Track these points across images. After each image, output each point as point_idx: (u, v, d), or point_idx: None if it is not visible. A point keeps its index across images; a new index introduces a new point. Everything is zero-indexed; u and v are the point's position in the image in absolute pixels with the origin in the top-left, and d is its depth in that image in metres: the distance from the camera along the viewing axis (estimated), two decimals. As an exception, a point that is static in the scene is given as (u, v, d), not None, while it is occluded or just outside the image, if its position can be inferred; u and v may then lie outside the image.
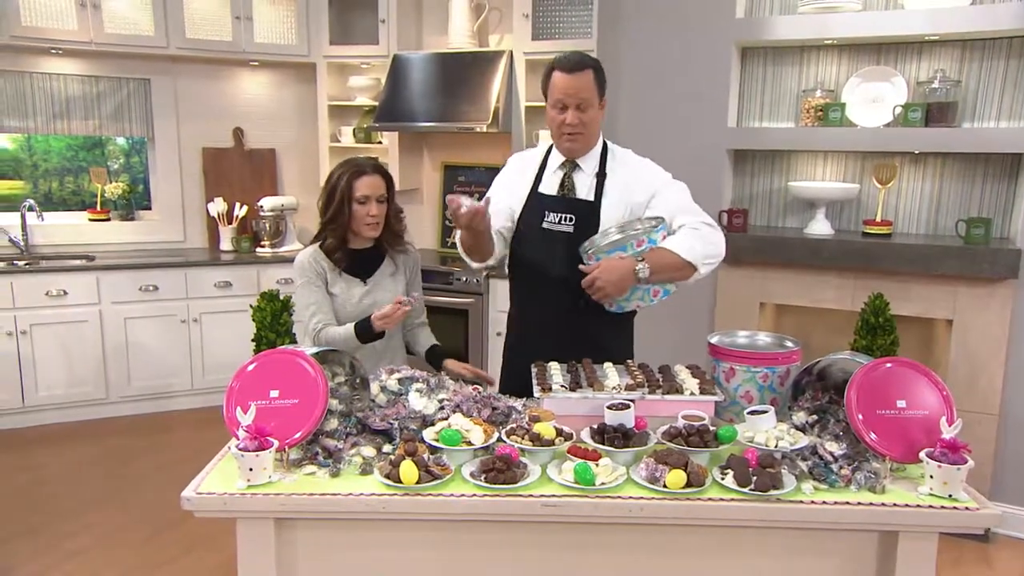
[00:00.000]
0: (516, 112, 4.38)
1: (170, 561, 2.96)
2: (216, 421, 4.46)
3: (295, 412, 1.76)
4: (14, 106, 4.45)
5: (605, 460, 1.71)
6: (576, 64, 2.14)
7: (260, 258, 4.76)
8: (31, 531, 3.15)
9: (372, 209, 2.28)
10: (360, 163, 2.31)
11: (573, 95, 2.13)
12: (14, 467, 3.78)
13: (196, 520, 3.28)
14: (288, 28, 4.70)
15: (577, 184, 2.26)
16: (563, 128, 2.16)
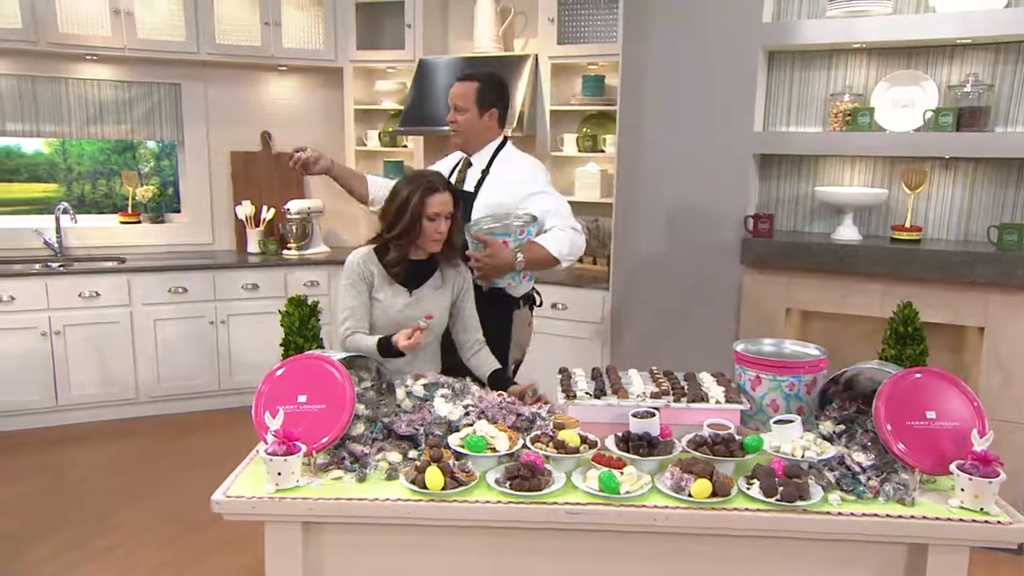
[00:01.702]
0: (541, 116, 4.39)
1: (196, 562, 3.00)
2: (242, 423, 4.51)
3: (322, 417, 1.79)
4: (51, 111, 4.54)
5: (630, 468, 1.71)
6: (465, 76, 2.72)
7: (286, 260, 4.80)
8: (62, 528, 3.21)
9: (441, 226, 2.27)
10: (432, 180, 2.29)
11: (453, 97, 2.68)
12: (47, 465, 3.85)
13: (223, 521, 3.31)
14: (316, 33, 4.75)
15: (468, 177, 2.73)
16: (448, 124, 2.72)
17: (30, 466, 3.83)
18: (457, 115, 2.67)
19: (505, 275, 2.56)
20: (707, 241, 3.61)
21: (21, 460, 3.90)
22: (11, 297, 4.10)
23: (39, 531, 3.20)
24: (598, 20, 4.22)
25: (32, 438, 4.15)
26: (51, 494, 3.55)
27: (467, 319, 2.45)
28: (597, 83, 4.30)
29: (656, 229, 3.75)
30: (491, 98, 2.68)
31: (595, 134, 4.40)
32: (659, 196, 3.72)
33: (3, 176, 5.00)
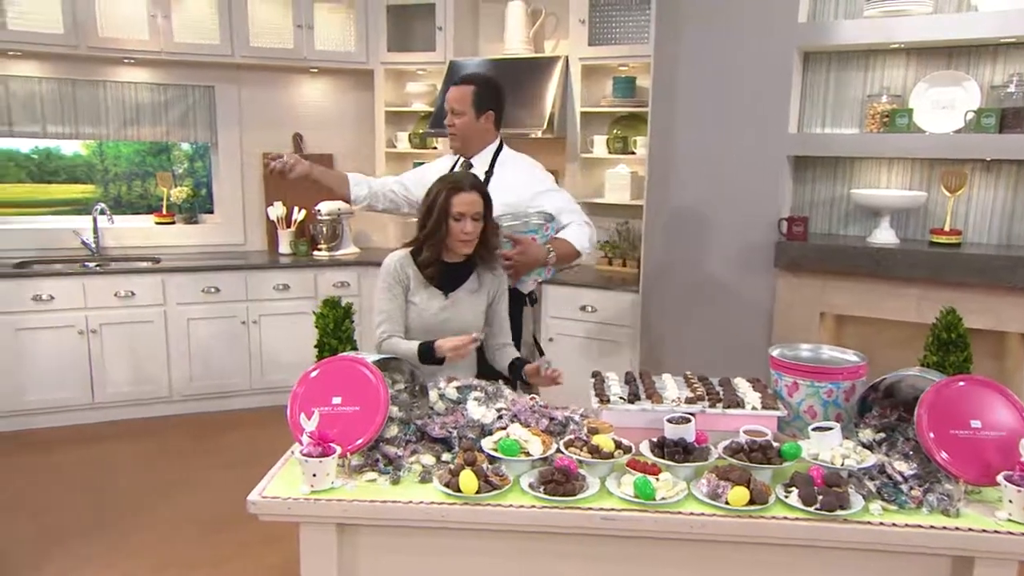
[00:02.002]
0: (571, 117, 4.38)
1: (228, 560, 3.03)
2: (273, 422, 4.56)
3: (357, 419, 1.79)
4: (89, 114, 4.63)
5: (665, 475, 1.69)
6: (461, 79, 2.77)
7: (317, 261, 4.84)
8: (97, 526, 3.26)
9: (467, 227, 2.26)
10: (458, 180, 2.29)
11: (450, 101, 2.73)
12: (83, 461, 3.92)
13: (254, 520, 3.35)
14: (348, 35, 4.78)
15: None
16: (447, 127, 2.78)
17: (68, 462, 3.90)
18: (455, 119, 2.72)
19: (532, 271, 2.64)
20: (739, 244, 3.57)
21: (59, 456, 3.98)
22: (50, 296, 4.18)
23: (76, 527, 3.25)
24: (629, 21, 4.20)
25: (69, 435, 4.22)
26: (87, 491, 3.61)
27: (499, 322, 2.45)
28: (628, 84, 4.27)
29: (687, 231, 3.71)
30: (487, 101, 2.73)
31: (625, 136, 4.37)
32: (691, 198, 3.68)
33: (43, 177, 5.10)
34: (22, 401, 4.21)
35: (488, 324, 2.44)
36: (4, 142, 4.82)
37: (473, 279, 2.42)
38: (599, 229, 4.56)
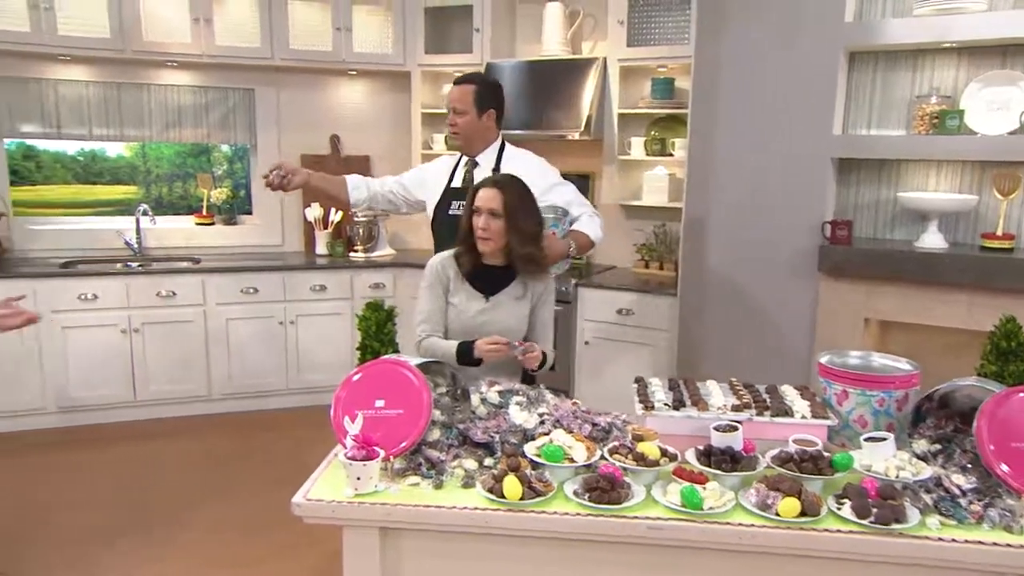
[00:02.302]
0: (609, 119, 4.34)
1: (266, 559, 3.05)
2: (309, 422, 4.61)
3: (400, 422, 1.79)
4: (133, 116, 4.71)
5: (713, 484, 1.66)
6: (462, 79, 2.84)
7: (353, 262, 4.87)
8: (138, 524, 3.31)
9: (480, 222, 2.27)
10: (487, 177, 2.33)
11: (452, 101, 2.78)
12: (125, 459, 3.99)
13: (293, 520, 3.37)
14: (385, 38, 4.81)
15: (476, 177, 2.77)
16: (448, 126, 2.81)
17: (111, 460, 3.97)
18: (457, 118, 2.77)
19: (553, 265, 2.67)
20: (781, 247, 3.50)
21: (102, 454, 4.05)
22: (95, 295, 4.26)
23: (122, 525, 3.30)
24: (669, 22, 4.15)
25: (112, 432, 4.30)
26: (131, 489, 3.67)
27: (540, 328, 2.43)
28: (667, 86, 4.23)
29: (727, 234, 3.66)
30: (488, 100, 2.78)
31: (663, 137, 4.33)
32: (731, 201, 3.63)
33: (88, 178, 5.21)
34: (68, 398, 4.30)
35: (529, 328, 2.42)
36: (52, 144, 4.92)
37: (517, 284, 2.40)
38: (636, 232, 4.56)
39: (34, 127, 4.55)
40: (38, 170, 5.05)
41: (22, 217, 4.72)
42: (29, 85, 4.49)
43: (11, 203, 4.62)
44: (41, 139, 4.75)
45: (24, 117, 4.52)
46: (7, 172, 4.62)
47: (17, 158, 4.87)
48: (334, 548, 1.72)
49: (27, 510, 3.41)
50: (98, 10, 4.21)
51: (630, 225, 4.61)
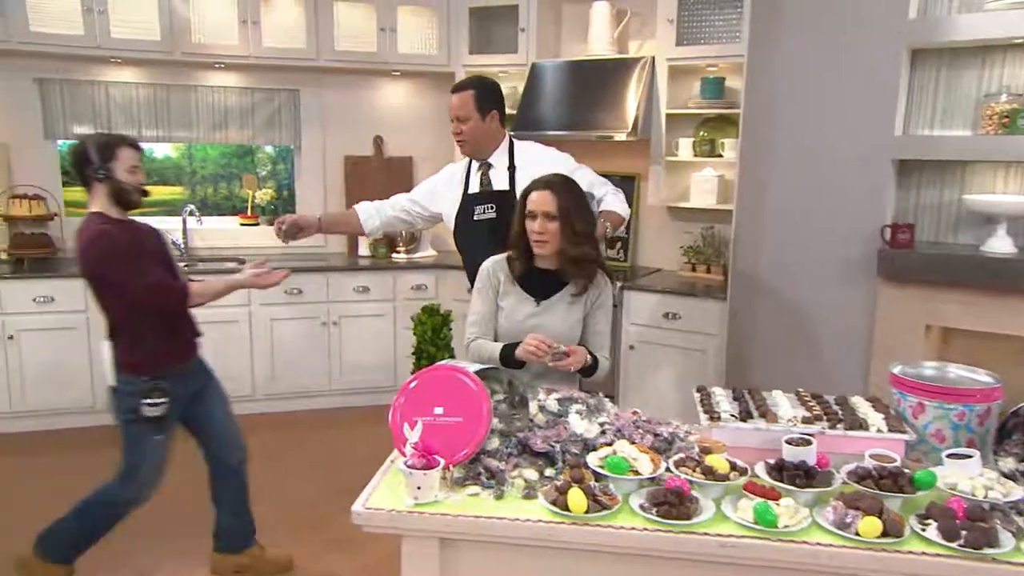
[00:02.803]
0: (656, 120, 4.26)
1: (313, 560, 3.04)
2: (352, 422, 4.61)
3: (459, 430, 1.75)
4: (181, 117, 4.76)
5: (787, 500, 1.59)
6: (459, 86, 2.81)
7: (395, 264, 4.86)
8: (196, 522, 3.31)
9: (536, 225, 2.22)
10: (536, 180, 2.27)
11: (453, 110, 2.78)
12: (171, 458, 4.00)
13: (338, 521, 3.36)
14: (430, 38, 4.79)
15: (493, 179, 2.81)
16: (455, 137, 2.80)
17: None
18: (461, 125, 2.76)
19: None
20: (838, 252, 3.39)
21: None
22: (143, 295, 4.30)
23: (177, 524, 3.32)
24: (720, 20, 4.06)
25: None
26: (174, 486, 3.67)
27: (595, 334, 2.37)
28: (717, 85, 4.14)
29: (780, 238, 3.56)
30: (489, 102, 2.78)
31: (713, 138, 4.23)
32: (785, 203, 3.53)
33: (135, 179, 5.27)
34: (115, 396, 4.35)
35: (584, 334, 2.36)
36: (101, 145, 4.99)
37: (571, 288, 2.34)
38: (683, 235, 4.47)
39: (86, 128, 4.62)
40: (88, 171, 5.13)
41: (74, 218, 4.79)
42: (82, 87, 4.57)
43: (63, 203, 4.69)
44: (92, 140, 4.82)
45: (77, 119, 4.60)
46: (60, 173, 4.69)
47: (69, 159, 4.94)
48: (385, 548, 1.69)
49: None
50: (149, 13, 4.25)
51: (676, 227, 4.53)
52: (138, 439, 2.59)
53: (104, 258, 2.45)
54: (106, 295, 2.54)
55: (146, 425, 2.55)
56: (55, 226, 4.58)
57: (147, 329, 2.54)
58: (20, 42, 4.09)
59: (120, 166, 2.49)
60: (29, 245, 4.39)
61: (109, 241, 2.46)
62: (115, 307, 2.55)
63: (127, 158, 2.50)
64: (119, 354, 2.56)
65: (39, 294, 4.15)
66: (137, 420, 2.55)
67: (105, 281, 2.49)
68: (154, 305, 2.52)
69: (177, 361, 2.63)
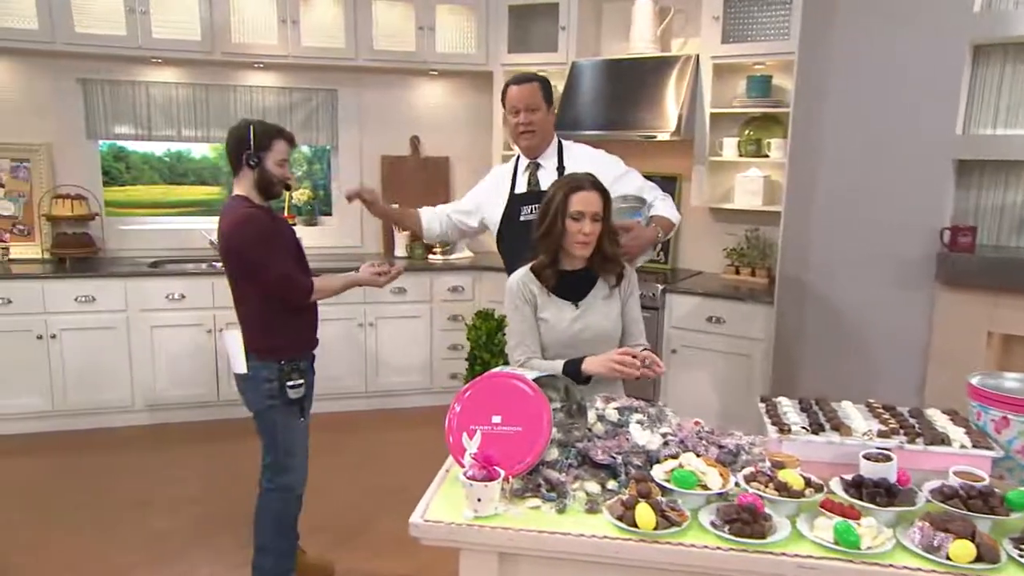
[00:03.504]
0: (700, 119, 4.16)
1: (355, 565, 3.00)
2: (386, 424, 4.57)
3: (518, 439, 1.68)
4: (220, 117, 4.76)
5: (868, 519, 1.50)
6: (523, 79, 2.71)
7: (432, 265, 4.81)
8: (231, 523, 3.30)
9: (585, 227, 2.13)
10: (578, 178, 2.17)
11: (523, 100, 2.66)
12: (214, 456, 4.00)
13: (380, 525, 3.31)
14: (468, 37, 4.73)
15: (541, 179, 2.73)
16: (518, 128, 2.68)
17: (198, 457, 4.00)
18: (531, 116, 2.67)
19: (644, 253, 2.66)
20: (892, 254, 3.28)
21: (190, 451, 4.07)
22: (181, 295, 4.31)
23: (209, 525, 3.30)
24: (767, 17, 3.95)
25: (198, 430, 4.33)
26: (216, 487, 3.67)
27: (632, 323, 2.31)
28: (763, 84, 4.03)
29: (831, 240, 3.45)
30: (550, 95, 2.73)
31: (759, 138, 4.13)
32: (836, 205, 3.42)
33: (174, 179, 5.30)
34: (155, 396, 4.36)
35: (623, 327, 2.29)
36: (141, 145, 5.02)
37: (601, 285, 2.28)
38: (726, 236, 4.37)
39: (126, 129, 4.64)
40: (127, 171, 5.16)
41: (113, 217, 4.82)
42: (123, 88, 4.58)
43: (103, 203, 4.71)
44: (133, 140, 4.84)
45: (117, 119, 4.61)
46: (101, 173, 4.71)
47: (109, 159, 4.97)
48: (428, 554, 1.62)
49: (114, 507, 3.44)
50: (190, 13, 4.25)
51: (719, 229, 4.43)
52: (284, 425, 2.59)
53: (247, 239, 2.48)
54: (242, 278, 2.56)
55: (290, 408, 2.55)
56: (96, 226, 4.60)
57: (282, 314, 2.56)
58: (65, 43, 4.11)
59: (271, 157, 2.55)
60: (71, 245, 4.41)
61: (254, 224, 2.49)
62: (249, 292, 2.57)
63: (279, 151, 2.55)
64: (253, 340, 2.57)
65: (80, 293, 4.17)
66: (279, 405, 2.55)
67: (244, 262, 2.51)
68: (280, 296, 2.54)
69: (309, 347, 2.66)
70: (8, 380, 4.14)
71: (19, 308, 4.09)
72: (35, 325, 4.12)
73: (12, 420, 4.19)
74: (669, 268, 4.56)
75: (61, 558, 3.02)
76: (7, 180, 4.46)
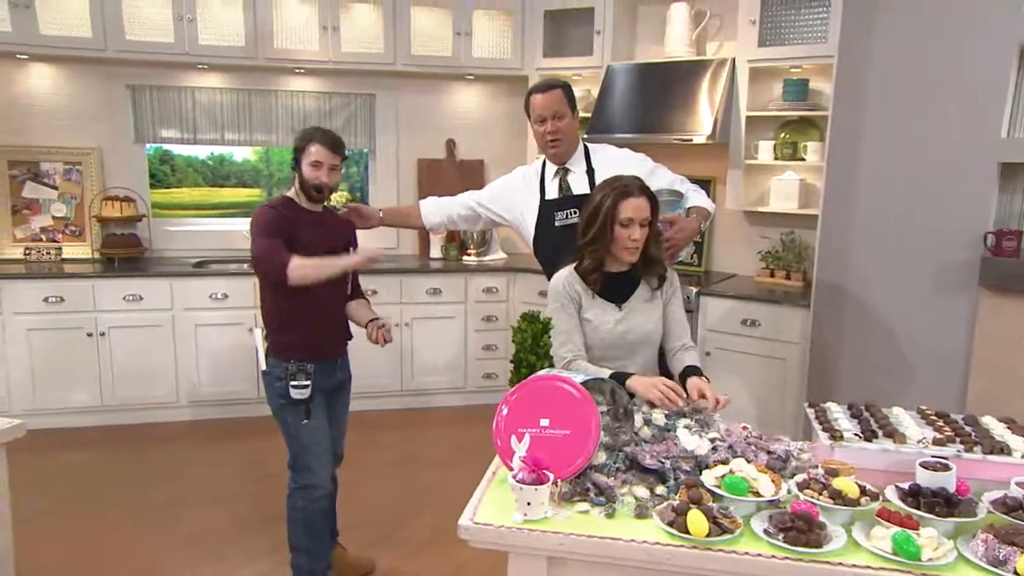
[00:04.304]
0: (736, 122, 4.09)
1: (394, 562, 2.98)
2: (422, 423, 4.55)
3: (566, 443, 1.64)
4: (261, 122, 4.78)
5: (929, 530, 1.43)
6: (546, 86, 2.63)
7: (466, 266, 4.79)
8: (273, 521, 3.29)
9: (635, 233, 2.10)
10: (627, 184, 2.13)
11: (549, 107, 2.58)
12: (253, 453, 4.01)
13: (418, 522, 3.29)
14: (504, 42, 4.70)
15: (572, 184, 2.69)
16: (546, 137, 2.62)
17: (238, 454, 4.01)
18: (558, 123, 2.60)
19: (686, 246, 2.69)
20: (933, 259, 3.18)
21: (230, 449, 4.09)
22: (224, 295, 4.33)
23: (251, 522, 3.30)
24: (805, 20, 3.86)
25: (238, 427, 4.34)
26: (255, 483, 3.67)
27: (675, 323, 2.27)
28: (800, 87, 3.94)
29: (870, 244, 3.36)
30: (574, 100, 2.67)
31: (795, 141, 4.04)
32: (875, 209, 3.33)
33: (216, 181, 5.33)
34: (197, 393, 4.39)
35: (665, 325, 2.24)
36: (186, 149, 5.06)
37: (644, 287, 2.25)
38: (761, 240, 4.29)
39: (172, 133, 4.68)
40: (172, 173, 5.20)
41: (159, 219, 4.86)
42: (169, 93, 4.62)
43: (150, 205, 4.76)
44: (178, 144, 4.88)
45: (164, 123, 4.66)
46: (147, 176, 4.76)
47: (155, 162, 5.02)
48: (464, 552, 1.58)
49: (155, 503, 3.46)
50: (234, 20, 4.28)
51: (754, 232, 4.34)
52: (293, 425, 2.58)
53: (252, 229, 2.50)
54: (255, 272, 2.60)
55: (295, 409, 2.54)
56: (143, 227, 4.65)
57: (297, 316, 2.54)
58: (116, 50, 4.15)
59: (305, 159, 2.54)
60: (119, 245, 4.46)
61: (260, 216, 2.51)
62: (265, 289, 2.59)
63: (311, 153, 2.53)
64: (270, 338, 2.59)
65: (128, 292, 4.21)
66: (287, 404, 2.55)
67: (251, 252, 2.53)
68: (263, 270, 2.51)
69: (321, 353, 2.60)
70: (60, 376, 4.19)
71: (71, 306, 4.15)
72: (86, 323, 4.17)
73: (63, 414, 4.24)
74: (703, 271, 4.48)
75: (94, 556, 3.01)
76: (61, 183, 4.53)
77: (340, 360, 2.76)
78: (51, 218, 4.53)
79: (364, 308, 2.82)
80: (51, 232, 4.53)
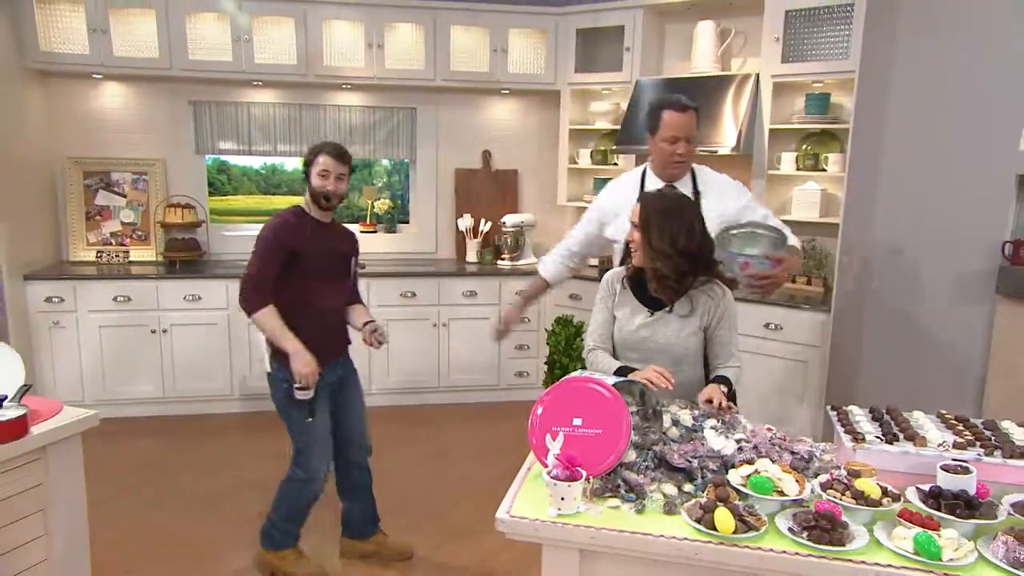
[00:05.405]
0: (759, 134, 4.04)
1: (432, 549, 3.00)
2: (458, 418, 4.57)
3: (598, 442, 1.64)
4: (311, 134, 4.85)
5: (949, 531, 1.41)
6: (684, 105, 2.44)
7: (500, 270, 4.80)
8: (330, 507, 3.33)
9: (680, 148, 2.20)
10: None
11: (684, 129, 2.42)
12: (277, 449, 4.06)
13: (454, 512, 3.30)
14: (538, 58, 4.71)
15: None
16: (674, 157, 2.45)
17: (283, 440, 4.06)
18: (689, 146, 2.46)
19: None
20: (951, 267, 3.11)
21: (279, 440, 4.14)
22: (276, 295, 4.40)
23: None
24: (826, 37, 3.80)
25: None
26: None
27: (721, 346, 2.16)
28: (822, 101, 3.88)
29: (889, 253, 3.30)
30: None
31: (816, 152, 3.98)
32: (894, 218, 3.26)
33: (268, 189, 5.43)
34: (248, 387, 4.47)
35: (709, 347, 2.19)
36: (242, 160, 5.16)
37: (684, 302, 2.13)
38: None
39: (230, 144, 4.77)
40: (229, 182, 5.31)
41: (217, 224, 4.96)
42: (227, 108, 4.72)
43: (208, 212, 4.86)
44: (234, 155, 4.98)
45: (222, 136, 4.75)
46: (206, 184, 4.86)
47: (213, 172, 5.13)
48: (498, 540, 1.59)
49: (210, 488, 3.52)
50: (287, 40, 4.35)
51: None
52: (297, 423, 2.61)
53: (258, 240, 2.54)
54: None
55: (298, 409, 2.57)
56: (202, 232, 4.75)
57: (294, 319, 2.54)
58: (180, 69, 4.26)
59: (314, 170, 2.56)
60: (181, 248, 4.56)
61: (267, 230, 2.54)
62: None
63: (319, 163, 2.55)
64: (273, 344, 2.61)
65: (188, 292, 4.30)
66: (290, 405, 2.57)
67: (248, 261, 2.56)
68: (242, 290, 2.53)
69: (323, 358, 2.60)
70: (128, 369, 4.30)
71: (137, 305, 4.26)
72: (150, 320, 4.28)
73: (131, 404, 4.35)
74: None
75: (156, 536, 3.08)
76: (129, 191, 4.65)
77: (341, 358, 2.77)
78: (120, 224, 4.65)
79: (361, 312, 2.83)
80: (120, 236, 4.66)
